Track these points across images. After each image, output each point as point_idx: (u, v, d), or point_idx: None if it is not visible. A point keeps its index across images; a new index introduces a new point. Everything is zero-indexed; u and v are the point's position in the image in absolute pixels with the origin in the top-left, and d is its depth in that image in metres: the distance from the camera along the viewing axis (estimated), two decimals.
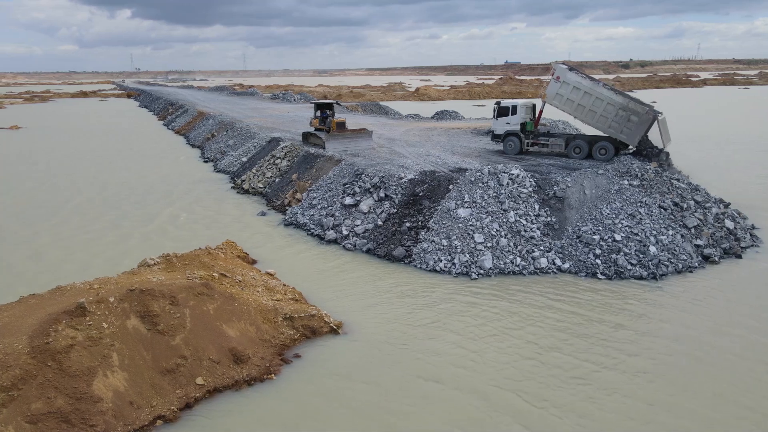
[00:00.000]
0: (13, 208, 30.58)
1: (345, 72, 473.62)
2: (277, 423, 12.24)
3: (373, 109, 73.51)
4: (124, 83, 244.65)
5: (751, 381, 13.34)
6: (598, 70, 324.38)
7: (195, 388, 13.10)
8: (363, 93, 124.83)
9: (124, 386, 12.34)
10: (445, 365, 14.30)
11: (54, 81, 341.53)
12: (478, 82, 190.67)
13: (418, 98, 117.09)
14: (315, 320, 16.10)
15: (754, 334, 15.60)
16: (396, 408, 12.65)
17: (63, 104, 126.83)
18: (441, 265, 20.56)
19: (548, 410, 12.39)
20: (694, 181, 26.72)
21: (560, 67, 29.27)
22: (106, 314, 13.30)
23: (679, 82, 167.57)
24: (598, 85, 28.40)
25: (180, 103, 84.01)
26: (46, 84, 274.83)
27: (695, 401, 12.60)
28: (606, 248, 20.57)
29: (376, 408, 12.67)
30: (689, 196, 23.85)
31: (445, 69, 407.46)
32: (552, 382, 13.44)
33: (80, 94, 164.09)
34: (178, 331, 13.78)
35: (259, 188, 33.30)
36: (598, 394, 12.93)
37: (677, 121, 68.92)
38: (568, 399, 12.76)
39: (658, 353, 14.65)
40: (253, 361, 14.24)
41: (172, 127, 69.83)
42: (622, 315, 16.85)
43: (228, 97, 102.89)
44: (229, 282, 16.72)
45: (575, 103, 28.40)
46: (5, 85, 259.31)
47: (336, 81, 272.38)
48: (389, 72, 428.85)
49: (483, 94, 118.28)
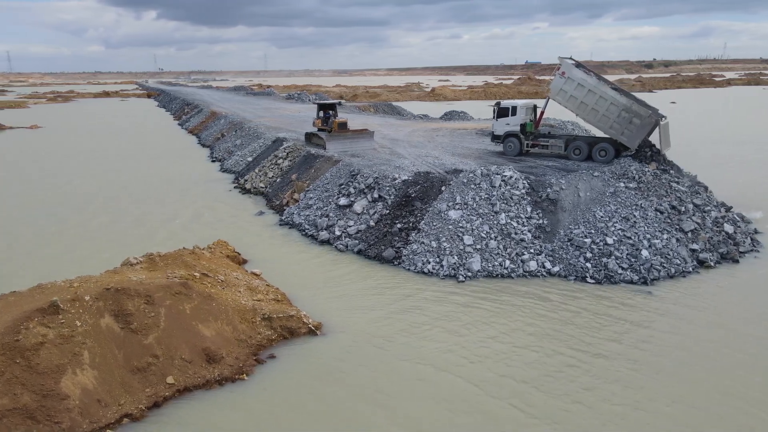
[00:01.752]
0: (17, 203, 31.20)
1: (365, 72, 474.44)
2: (240, 423, 12.27)
3: (385, 109, 73.42)
4: (146, 83, 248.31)
5: (729, 387, 12.98)
6: (620, 70, 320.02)
7: (165, 387, 13.20)
8: (379, 93, 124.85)
9: (93, 384, 12.48)
10: (420, 369, 14.19)
11: (79, 81, 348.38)
12: (497, 82, 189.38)
13: (434, 98, 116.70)
14: (293, 321, 16.11)
15: (737, 339, 15.19)
16: (362, 410, 12.59)
17: (85, 104, 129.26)
18: (429, 267, 20.43)
19: (523, 411, 12.21)
20: (703, 183, 26.13)
21: (566, 62, 28.61)
22: (80, 312, 13.47)
23: (702, 82, 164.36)
24: (603, 83, 27.89)
25: (195, 103, 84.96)
26: (72, 84, 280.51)
27: (676, 407, 12.31)
28: (597, 252, 20.23)
29: (342, 410, 12.62)
30: (688, 200, 23.34)
31: (464, 69, 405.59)
32: (528, 385, 13.24)
33: (102, 94, 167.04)
34: (152, 330, 13.90)
35: (260, 188, 33.49)
36: (577, 399, 12.70)
37: (694, 120, 67.72)
38: (546, 403, 12.56)
39: (635, 358, 14.35)
40: (226, 360, 14.31)
41: (186, 126, 70.66)
42: (603, 318, 16.54)
43: (244, 97, 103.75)
44: (211, 282, 16.83)
45: (578, 101, 27.88)
46: (32, 85, 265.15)
47: (354, 81, 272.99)
48: (409, 72, 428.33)
49: (499, 94, 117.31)
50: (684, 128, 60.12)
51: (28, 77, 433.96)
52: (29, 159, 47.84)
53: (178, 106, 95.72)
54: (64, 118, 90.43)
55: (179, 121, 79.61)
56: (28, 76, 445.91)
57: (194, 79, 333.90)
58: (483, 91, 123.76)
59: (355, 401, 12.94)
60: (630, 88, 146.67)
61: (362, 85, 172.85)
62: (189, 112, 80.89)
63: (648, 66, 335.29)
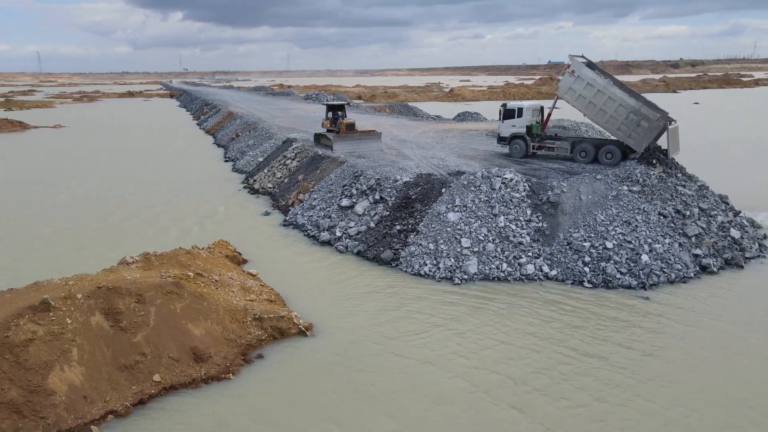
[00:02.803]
0: (32, 201, 31.99)
1: (386, 72, 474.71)
2: (220, 421, 12.42)
3: (401, 109, 73.39)
4: (171, 83, 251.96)
5: (712, 396, 12.72)
6: (646, 70, 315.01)
7: (151, 384, 13.44)
8: (397, 93, 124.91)
9: (80, 381, 12.77)
10: (406, 371, 14.21)
11: (107, 81, 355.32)
12: (518, 82, 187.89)
13: (452, 99, 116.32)
14: (284, 321, 16.25)
15: (729, 344, 14.87)
16: (343, 411, 12.65)
17: (109, 104, 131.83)
18: (426, 269, 20.41)
19: (507, 412, 12.16)
20: (714, 186, 25.59)
21: (576, 60, 28.16)
22: (71, 310, 13.79)
23: (728, 82, 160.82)
24: (612, 84, 27.46)
25: (214, 104, 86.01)
26: (99, 84, 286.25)
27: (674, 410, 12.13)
28: (596, 256, 19.99)
29: (324, 411, 12.71)
30: (694, 203, 22.90)
31: (486, 69, 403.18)
32: (514, 389, 13.17)
33: (127, 94, 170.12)
34: (141, 329, 14.16)
35: (268, 188, 33.80)
36: (570, 400, 12.59)
37: (716, 121, 66.30)
38: (535, 402, 12.48)
39: (622, 364, 14.15)
40: (214, 360, 14.50)
41: (204, 126, 71.59)
42: (595, 323, 16.33)
43: (263, 97, 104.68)
44: (204, 281, 17.06)
45: (587, 101, 27.45)
46: (61, 86, 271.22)
47: (375, 81, 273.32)
48: (430, 72, 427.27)
49: (519, 94, 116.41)
50: (703, 129, 58.95)
51: (58, 77, 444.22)
52: (48, 158, 49.00)
53: (198, 107, 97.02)
54: (87, 117, 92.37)
55: (198, 121, 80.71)
56: (57, 77, 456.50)
57: (218, 79, 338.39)
58: (502, 91, 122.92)
59: (338, 402, 13.01)
60: (653, 88, 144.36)
61: (382, 86, 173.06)
62: (207, 112, 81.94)
63: (674, 66, 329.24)
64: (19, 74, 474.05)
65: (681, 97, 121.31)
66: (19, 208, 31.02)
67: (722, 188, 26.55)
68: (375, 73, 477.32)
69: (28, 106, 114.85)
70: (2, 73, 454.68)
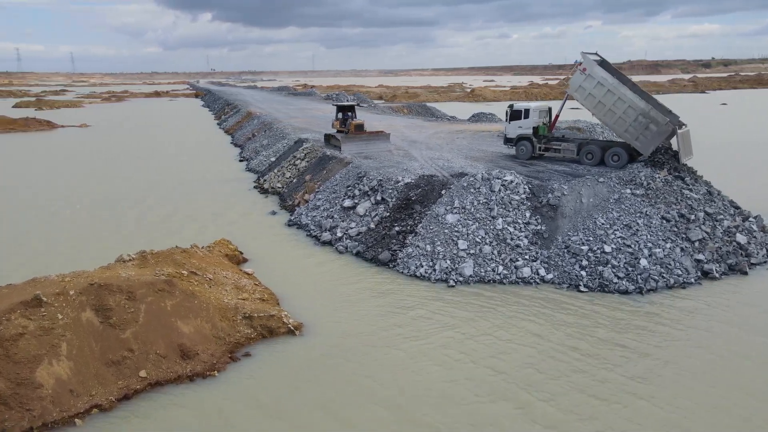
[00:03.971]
0: (50, 198, 32.92)
1: (410, 72, 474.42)
2: (200, 416, 12.65)
3: (419, 110, 73.37)
4: (197, 83, 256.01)
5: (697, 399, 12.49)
6: (676, 70, 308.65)
7: (137, 380, 13.75)
8: (418, 94, 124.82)
9: (67, 375, 13.14)
10: (391, 369, 14.27)
11: (136, 81, 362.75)
12: (542, 82, 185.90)
13: (473, 99, 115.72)
14: (273, 320, 16.45)
15: (718, 351, 14.56)
16: (324, 408, 12.77)
17: (135, 103, 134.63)
18: (422, 271, 20.43)
19: (504, 414, 12.14)
20: (732, 188, 24.94)
21: (588, 58, 27.61)
22: (63, 306, 14.20)
23: (760, 82, 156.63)
24: (623, 85, 26.99)
25: (235, 104, 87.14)
26: (128, 84, 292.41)
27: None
28: (593, 260, 19.75)
29: (303, 408, 12.85)
30: (700, 208, 22.43)
31: (512, 69, 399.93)
32: (503, 389, 13.13)
33: (153, 94, 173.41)
34: (130, 325, 14.50)
35: (277, 188, 34.16)
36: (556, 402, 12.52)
37: (742, 122, 64.66)
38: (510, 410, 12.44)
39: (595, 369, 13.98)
40: (201, 357, 14.77)
41: (223, 126, 72.62)
42: (583, 326, 16.15)
43: (284, 97, 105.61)
44: (198, 280, 17.38)
45: (596, 100, 27.01)
46: (92, 86, 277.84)
47: (399, 81, 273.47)
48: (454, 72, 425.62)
49: (541, 95, 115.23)
50: (727, 130, 57.59)
51: (90, 77, 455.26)
52: (69, 157, 50.29)
53: (220, 106, 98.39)
54: (113, 117, 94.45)
55: (218, 120, 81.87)
56: (89, 77, 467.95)
57: (244, 79, 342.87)
58: (524, 91, 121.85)
59: (319, 399, 13.14)
60: (681, 88, 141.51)
61: (404, 86, 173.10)
62: (228, 112, 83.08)
63: (706, 65, 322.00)
64: (53, 74, 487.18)
65: (709, 97, 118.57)
66: (33, 206, 31.94)
67: (741, 190, 25.92)
68: (399, 73, 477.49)
69: (58, 106, 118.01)
70: (37, 73, 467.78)
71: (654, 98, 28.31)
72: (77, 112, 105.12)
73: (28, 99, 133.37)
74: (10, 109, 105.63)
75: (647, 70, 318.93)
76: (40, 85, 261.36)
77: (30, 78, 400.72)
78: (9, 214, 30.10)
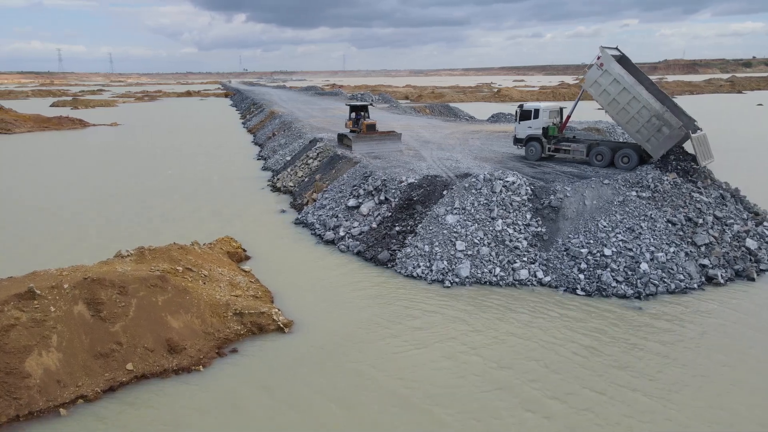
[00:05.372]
0: (74, 194, 33.96)
1: (440, 72, 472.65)
2: (180, 409, 12.91)
3: (441, 110, 73.14)
4: (229, 83, 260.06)
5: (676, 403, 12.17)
6: (715, 69, 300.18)
7: (124, 372, 14.10)
8: (444, 94, 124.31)
9: (56, 365, 13.57)
10: (373, 370, 14.30)
11: (171, 81, 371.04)
12: (574, 82, 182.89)
13: (500, 99, 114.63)
14: (264, 317, 16.66)
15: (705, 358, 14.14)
16: (302, 404, 12.89)
17: (167, 103, 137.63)
18: (418, 271, 20.38)
19: (473, 419, 12.09)
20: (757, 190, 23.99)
21: (607, 53, 26.70)
22: (56, 299, 14.67)
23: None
24: (640, 84, 26.27)
25: (260, 103, 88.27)
26: (162, 84, 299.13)
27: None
28: (592, 263, 19.40)
29: (283, 403, 12.99)
30: (709, 211, 21.80)
31: (543, 69, 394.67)
32: (481, 391, 13.06)
33: (185, 93, 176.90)
34: (120, 319, 14.88)
35: (289, 187, 34.50)
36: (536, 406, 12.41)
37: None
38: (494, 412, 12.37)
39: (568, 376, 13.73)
40: (188, 352, 15.05)
41: (247, 125, 73.67)
42: (573, 330, 15.88)
43: (310, 97, 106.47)
44: (193, 276, 17.71)
45: (611, 97, 26.33)
46: (128, 86, 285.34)
47: (428, 81, 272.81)
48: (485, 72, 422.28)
49: (569, 95, 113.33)
50: (758, 131, 55.76)
51: (127, 78, 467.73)
52: (94, 154, 51.74)
53: (246, 106, 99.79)
54: (144, 116, 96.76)
55: (243, 120, 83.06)
56: (127, 77, 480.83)
57: (275, 79, 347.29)
58: (552, 91, 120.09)
59: (295, 398, 13.26)
60: (716, 88, 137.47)
61: (431, 86, 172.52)
62: (253, 111, 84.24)
63: (746, 65, 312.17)
64: (92, 74, 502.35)
65: (745, 97, 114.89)
66: (43, 202, 32.99)
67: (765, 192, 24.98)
68: (429, 73, 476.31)
69: (93, 105, 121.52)
70: (77, 74, 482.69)
71: (671, 100, 27.57)
72: (110, 111, 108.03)
73: (65, 98, 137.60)
74: (47, 108, 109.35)
75: (684, 69, 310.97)
76: (79, 85, 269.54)
77: (70, 78, 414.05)
78: (16, 212, 31.14)
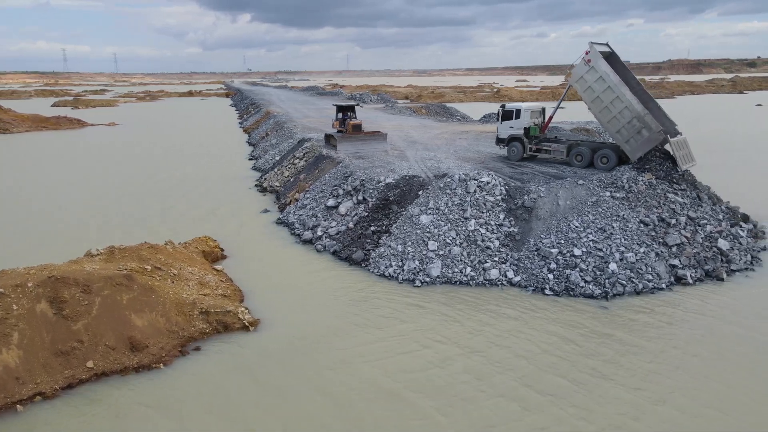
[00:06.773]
0: (61, 196, 34.23)
1: (444, 72, 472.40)
2: (134, 407, 13.05)
3: (437, 110, 73.21)
4: (232, 83, 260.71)
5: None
6: (719, 69, 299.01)
7: (84, 370, 14.26)
8: (444, 94, 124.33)
9: (15, 363, 13.73)
10: (336, 368, 14.41)
11: (175, 81, 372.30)
12: None
13: (499, 99, 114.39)
14: (229, 316, 16.80)
15: (658, 360, 14.18)
16: (257, 407, 13.02)
17: (167, 103, 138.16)
18: (390, 271, 20.48)
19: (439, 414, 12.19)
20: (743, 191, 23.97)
21: (595, 49, 26.44)
22: (19, 297, 14.83)
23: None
24: (624, 84, 26.16)
25: (258, 103, 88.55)
26: (166, 84, 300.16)
27: None
28: (562, 263, 19.45)
29: (238, 402, 13.12)
30: (683, 212, 21.82)
31: (547, 69, 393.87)
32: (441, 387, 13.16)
33: (187, 93, 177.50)
34: (82, 317, 15.03)
35: (275, 187, 34.66)
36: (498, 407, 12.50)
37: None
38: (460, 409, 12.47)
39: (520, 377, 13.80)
40: (150, 350, 15.19)
41: (243, 125, 73.93)
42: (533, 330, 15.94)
43: (309, 97, 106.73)
44: (161, 275, 17.87)
45: (595, 95, 26.19)
46: (132, 85, 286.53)
47: (431, 81, 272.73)
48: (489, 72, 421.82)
49: (569, 94, 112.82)
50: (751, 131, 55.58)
51: (131, 78, 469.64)
52: (87, 154, 52.05)
53: (245, 106, 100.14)
54: (143, 116, 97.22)
55: (241, 120, 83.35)
56: (131, 77, 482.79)
57: (278, 79, 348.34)
58: (552, 92, 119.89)
59: (252, 395, 13.39)
60: (718, 89, 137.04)
61: (432, 86, 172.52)
62: (251, 111, 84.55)
63: (750, 65, 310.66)
64: (97, 74, 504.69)
65: (746, 97, 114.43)
66: (34, 200, 33.26)
67: (753, 194, 24.94)
68: (432, 73, 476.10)
69: (95, 105, 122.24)
70: (82, 74, 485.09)
71: (655, 102, 27.53)
72: (110, 111, 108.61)
73: (66, 98, 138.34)
74: (48, 107, 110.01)
75: (688, 69, 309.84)
76: (83, 85, 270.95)
77: (75, 78, 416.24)
78: (8, 208, 31.42)
